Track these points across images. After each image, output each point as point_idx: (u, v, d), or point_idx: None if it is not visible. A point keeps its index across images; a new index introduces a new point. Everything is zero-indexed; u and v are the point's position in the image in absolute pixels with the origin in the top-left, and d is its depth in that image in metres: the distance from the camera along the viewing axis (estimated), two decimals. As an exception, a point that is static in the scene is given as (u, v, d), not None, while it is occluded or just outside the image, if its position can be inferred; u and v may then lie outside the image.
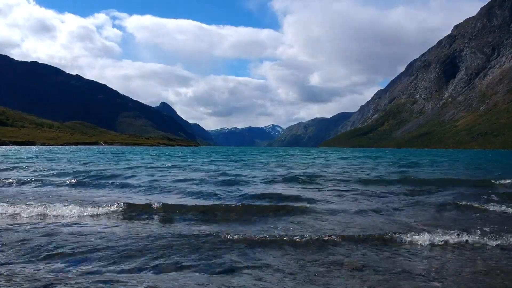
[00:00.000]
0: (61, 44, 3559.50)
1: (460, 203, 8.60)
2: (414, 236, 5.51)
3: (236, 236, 5.44)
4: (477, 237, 5.52)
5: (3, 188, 10.95)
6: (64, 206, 7.62)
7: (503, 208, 8.19)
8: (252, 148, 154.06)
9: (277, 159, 35.02)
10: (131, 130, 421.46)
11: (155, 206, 7.72)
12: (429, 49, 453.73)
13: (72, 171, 16.42)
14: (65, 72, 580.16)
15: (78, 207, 7.55)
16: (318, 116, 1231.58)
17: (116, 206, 7.60)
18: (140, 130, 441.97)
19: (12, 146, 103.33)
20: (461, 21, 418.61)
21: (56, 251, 4.79)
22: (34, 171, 16.94)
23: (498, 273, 4.27)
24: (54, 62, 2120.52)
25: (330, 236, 5.51)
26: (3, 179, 12.59)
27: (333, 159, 35.45)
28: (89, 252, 4.79)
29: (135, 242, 5.21)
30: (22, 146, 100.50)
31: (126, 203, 7.88)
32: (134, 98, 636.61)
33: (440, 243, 5.29)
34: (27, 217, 6.95)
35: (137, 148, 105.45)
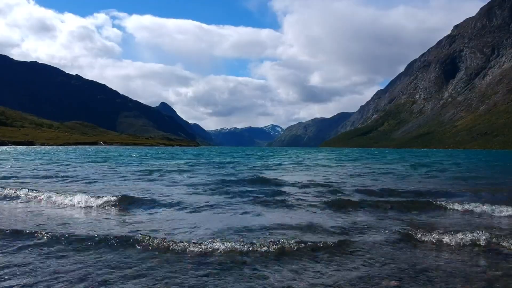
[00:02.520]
0: (61, 44, 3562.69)
1: None
2: None
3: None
4: None
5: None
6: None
7: None
8: (231, 148, 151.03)
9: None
10: (131, 130, 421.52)
11: None
12: (429, 49, 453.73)
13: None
14: (65, 72, 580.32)
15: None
16: (318, 116, 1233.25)
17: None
18: (140, 130, 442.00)
19: (11, 146, 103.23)
20: (461, 21, 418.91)
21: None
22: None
23: None
24: (54, 62, 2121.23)
25: None
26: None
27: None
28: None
29: None
30: (22, 146, 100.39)
31: None
32: (134, 98, 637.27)
33: None
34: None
35: (122, 148, 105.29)
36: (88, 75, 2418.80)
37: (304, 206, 8.49)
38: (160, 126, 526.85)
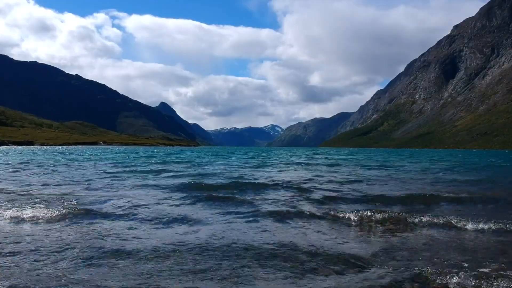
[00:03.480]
0: (61, 44, 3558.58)
1: None
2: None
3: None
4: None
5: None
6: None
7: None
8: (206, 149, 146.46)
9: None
10: (131, 130, 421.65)
11: None
12: (429, 49, 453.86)
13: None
14: (65, 72, 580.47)
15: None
16: (318, 116, 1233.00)
17: None
18: (140, 130, 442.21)
19: (11, 146, 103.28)
20: (461, 21, 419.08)
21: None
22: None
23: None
24: (54, 62, 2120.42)
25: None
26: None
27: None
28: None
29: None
30: (21, 146, 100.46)
31: None
32: (134, 98, 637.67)
33: None
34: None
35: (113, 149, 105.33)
36: (88, 75, 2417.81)
37: (256, 217, 7.13)
38: (160, 126, 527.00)
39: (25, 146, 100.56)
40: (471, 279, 3.80)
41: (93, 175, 15.63)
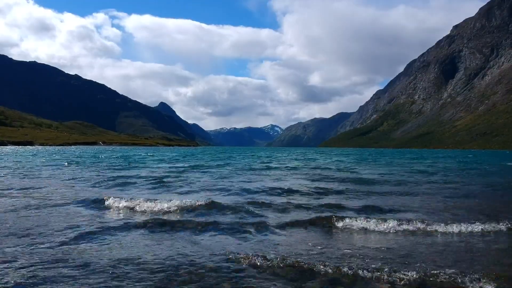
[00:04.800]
0: (61, 44, 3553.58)
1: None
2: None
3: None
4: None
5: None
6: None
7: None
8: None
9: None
10: (131, 130, 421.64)
11: None
12: (428, 49, 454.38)
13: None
14: (64, 72, 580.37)
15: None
16: (317, 116, 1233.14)
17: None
18: (139, 130, 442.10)
19: (10, 146, 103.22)
20: (461, 21, 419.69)
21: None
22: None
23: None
24: (53, 62, 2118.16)
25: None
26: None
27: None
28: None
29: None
30: (21, 146, 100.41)
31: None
32: (133, 98, 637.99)
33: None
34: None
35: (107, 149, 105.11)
36: (88, 75, 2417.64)
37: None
38: (159, 126, 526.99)
39: (21, 146, 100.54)
40: None
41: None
